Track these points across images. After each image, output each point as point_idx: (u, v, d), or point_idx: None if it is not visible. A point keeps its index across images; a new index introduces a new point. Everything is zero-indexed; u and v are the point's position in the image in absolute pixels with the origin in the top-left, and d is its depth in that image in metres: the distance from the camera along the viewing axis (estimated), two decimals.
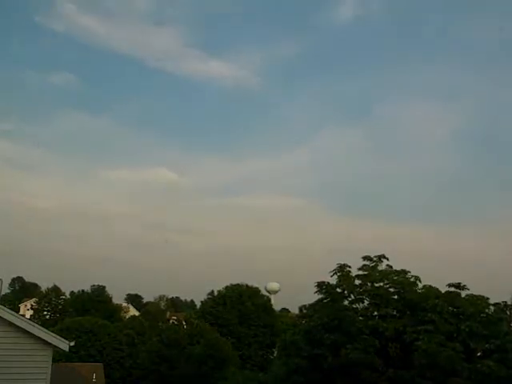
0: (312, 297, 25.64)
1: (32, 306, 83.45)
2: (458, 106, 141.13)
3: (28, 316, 71.49)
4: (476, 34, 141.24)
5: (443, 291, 23.49)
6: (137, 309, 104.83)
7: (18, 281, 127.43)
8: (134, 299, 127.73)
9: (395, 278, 23.94)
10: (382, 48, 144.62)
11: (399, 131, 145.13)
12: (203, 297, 66.02)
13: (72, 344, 15.65)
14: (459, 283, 23.05)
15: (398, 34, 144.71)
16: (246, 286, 60.63)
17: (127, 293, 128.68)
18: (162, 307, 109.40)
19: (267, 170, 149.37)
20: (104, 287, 71.46)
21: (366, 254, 25.03)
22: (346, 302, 24.43)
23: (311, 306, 26.08)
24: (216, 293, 62.21)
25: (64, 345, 15.06)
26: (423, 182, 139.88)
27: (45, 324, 52.03)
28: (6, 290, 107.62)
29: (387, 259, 24.76)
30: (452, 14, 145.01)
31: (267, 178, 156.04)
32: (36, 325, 15.78)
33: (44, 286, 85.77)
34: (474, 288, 23.72)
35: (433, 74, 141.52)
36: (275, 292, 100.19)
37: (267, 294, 79.76)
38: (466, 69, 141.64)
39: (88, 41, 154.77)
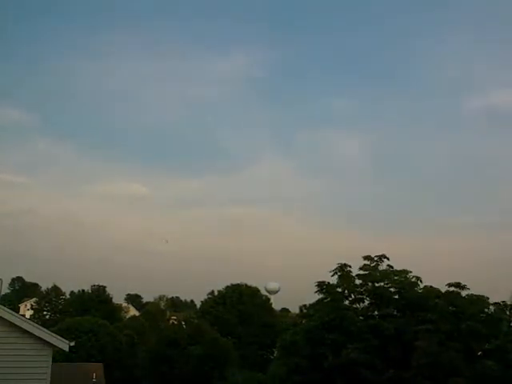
0: (312, 296, 25.67)
1: (32, 305, 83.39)
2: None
3: (28, 316, 71.44)
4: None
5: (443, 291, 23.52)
6: (137, 309, 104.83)
7: (17, 281, 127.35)
8: (134, 299, 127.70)
9: (396, 277, 23.94)
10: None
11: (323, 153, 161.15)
12: (203, 297, 66.03)
13: (72, 344, 15.60)
14: (459, 283, 23.06)
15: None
16: (246, 285, 60.59)
17: (127, 293, 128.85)
18: (162, 307, 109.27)
19: (225, 184, 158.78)
20: (104, 287, 71.33)
21: (367, 254, 25.06)
22: (346, 302, 24.45)
23: (312, 305, 26.10)
24: (216, 293, 62.21)
25: (64, 345, 15.02)
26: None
27: (45, 324, 51.96)
28: (5, 290, 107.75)
29: (388, 259, 24.79)
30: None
31: (228, 190, 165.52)
32: (36, 325, 15.75)
33: (44, 286, 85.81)
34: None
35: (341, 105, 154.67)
36: (275, 292, 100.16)
37: (267, 294, 79.75)
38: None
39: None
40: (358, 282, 24.35)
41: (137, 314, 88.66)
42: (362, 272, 24.40)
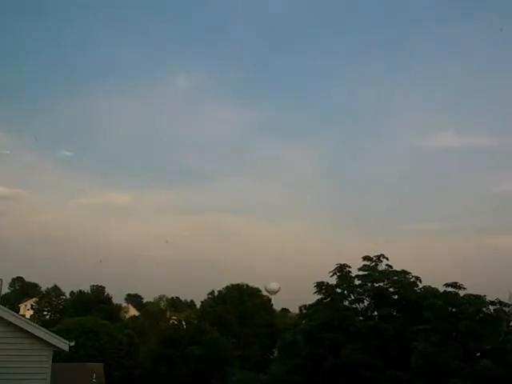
0: (312, 297, 25.70)
1: (32, 305, 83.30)
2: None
3: (28, 316, 71.39)
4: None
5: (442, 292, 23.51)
6: (137, 309, 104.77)
7: (17, 281, 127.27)
8: (134, 299, 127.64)
9: (395, 278, 23.96)
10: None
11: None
12: (203, 297, 66.10)
13: (72, 344, 15.60)
14: (456, 282, 23.06)
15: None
16: (247, 285, 60.67)
17: (127, 293, 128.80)
18: (162, 307, 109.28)
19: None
20: (103, 287, 71.54)
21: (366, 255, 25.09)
22: (346, 302, 24.47)
23: (311, 305, 26.12)
24: (216, 293, 62.26)
25: (64, 345, 15.03)
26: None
27: (45, 324, 51.95)
28: (6, 289, 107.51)
29: (387, 259, 24.81)
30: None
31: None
32: (36, 325, 15.76)
33: (44, 286, 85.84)
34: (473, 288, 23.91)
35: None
36: (275, 292, 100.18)
37: (267, 294, 79.77)
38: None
39: None
40: (357, 282, 24.37)
41: (137, 314, 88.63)
42: (361, 272, 24.43)
